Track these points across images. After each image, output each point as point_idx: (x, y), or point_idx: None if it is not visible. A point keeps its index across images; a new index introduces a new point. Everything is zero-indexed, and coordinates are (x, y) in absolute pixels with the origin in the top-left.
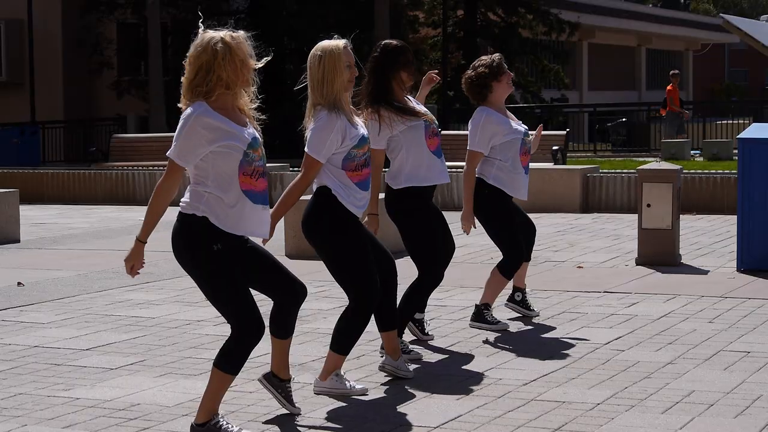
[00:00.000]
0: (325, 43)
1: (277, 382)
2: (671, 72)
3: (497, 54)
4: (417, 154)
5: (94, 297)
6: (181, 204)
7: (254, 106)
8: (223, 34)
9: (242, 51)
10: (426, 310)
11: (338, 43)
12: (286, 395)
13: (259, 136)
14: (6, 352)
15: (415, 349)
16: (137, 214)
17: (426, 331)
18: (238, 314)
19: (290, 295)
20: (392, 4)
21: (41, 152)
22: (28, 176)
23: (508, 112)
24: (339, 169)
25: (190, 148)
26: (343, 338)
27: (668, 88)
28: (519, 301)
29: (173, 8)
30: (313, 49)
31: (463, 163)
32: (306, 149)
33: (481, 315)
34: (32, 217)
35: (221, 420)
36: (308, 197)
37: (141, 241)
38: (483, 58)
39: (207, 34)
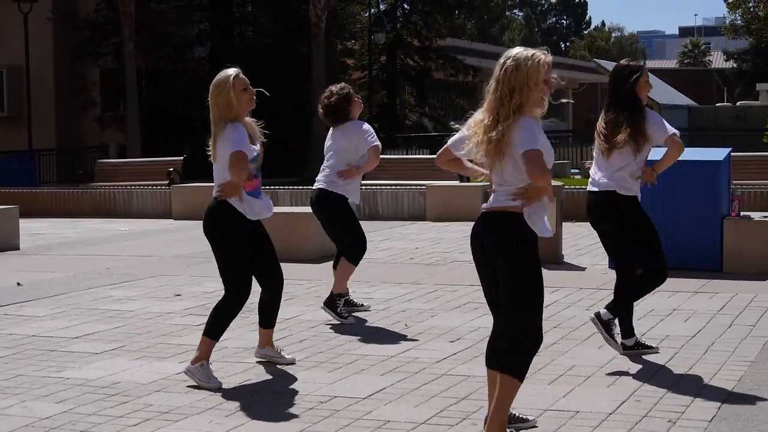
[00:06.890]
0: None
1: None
2: None
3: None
4: None
5: (81, 294)
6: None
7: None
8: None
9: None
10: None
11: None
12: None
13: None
14: (8, 340)
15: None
16: (118, 225)
17: None
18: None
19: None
20: (328, 52)
21: (37, 175)
22: (27, 195)
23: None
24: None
25: None
26: (217, 325)
27: None
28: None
29: (147, 55)
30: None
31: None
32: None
33: (333, 304)
34: (30, 228)
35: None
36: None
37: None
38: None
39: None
